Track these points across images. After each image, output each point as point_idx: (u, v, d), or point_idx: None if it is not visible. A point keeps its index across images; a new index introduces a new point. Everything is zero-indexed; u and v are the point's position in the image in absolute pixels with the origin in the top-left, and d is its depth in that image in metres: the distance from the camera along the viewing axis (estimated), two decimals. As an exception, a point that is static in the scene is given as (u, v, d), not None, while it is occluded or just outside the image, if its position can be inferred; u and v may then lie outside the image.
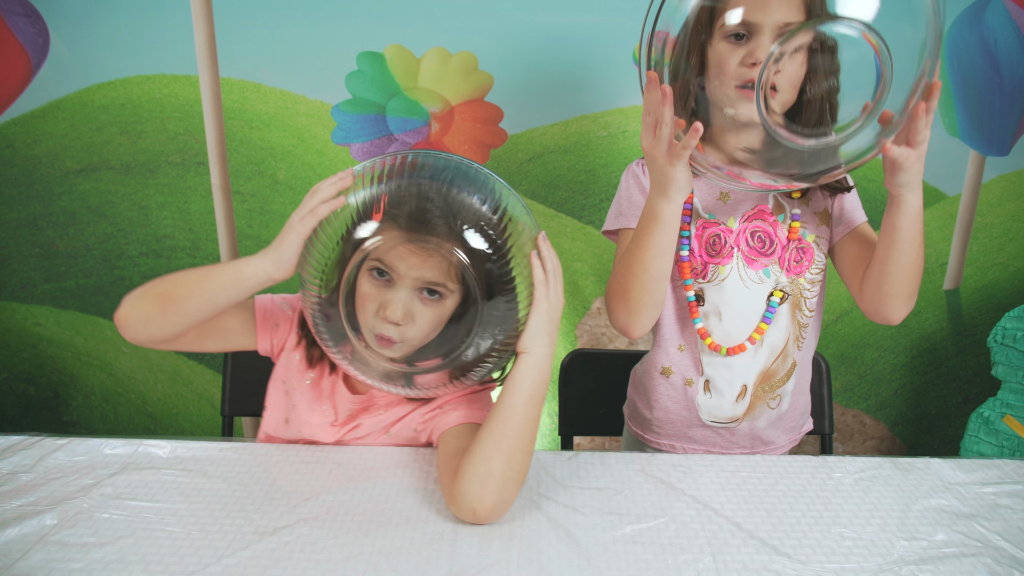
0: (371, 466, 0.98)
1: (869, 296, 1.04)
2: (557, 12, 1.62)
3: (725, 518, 0.88)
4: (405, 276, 0.87)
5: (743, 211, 1.08)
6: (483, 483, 0.85)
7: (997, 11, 1.59)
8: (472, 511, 0.85)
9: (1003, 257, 1.79)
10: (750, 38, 0.92)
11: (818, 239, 1.10)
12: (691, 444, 1.16)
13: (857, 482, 0.96)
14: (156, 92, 1.68)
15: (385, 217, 0.84)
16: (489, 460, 0.86)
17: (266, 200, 1.75)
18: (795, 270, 1.09)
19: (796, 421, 1.19)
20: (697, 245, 1.08)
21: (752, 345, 1.09)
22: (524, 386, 0.88)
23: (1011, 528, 0.87)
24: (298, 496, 0.91)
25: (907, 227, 0.97)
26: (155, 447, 1.01)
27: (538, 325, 0.89)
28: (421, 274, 0.86)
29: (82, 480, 0.93)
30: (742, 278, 1.08)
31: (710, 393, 1.12)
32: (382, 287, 0.88)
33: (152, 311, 0.90)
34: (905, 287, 1.01)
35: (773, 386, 1.12)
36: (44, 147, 1.73)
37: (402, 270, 0.86)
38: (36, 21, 1.63)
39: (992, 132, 1.68)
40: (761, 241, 1.08)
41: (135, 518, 0.86)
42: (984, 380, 1.85)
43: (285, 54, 1.65)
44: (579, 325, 1.83)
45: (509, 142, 1.71)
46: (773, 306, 1.08)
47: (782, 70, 0.92)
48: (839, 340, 1.84)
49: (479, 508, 0.85)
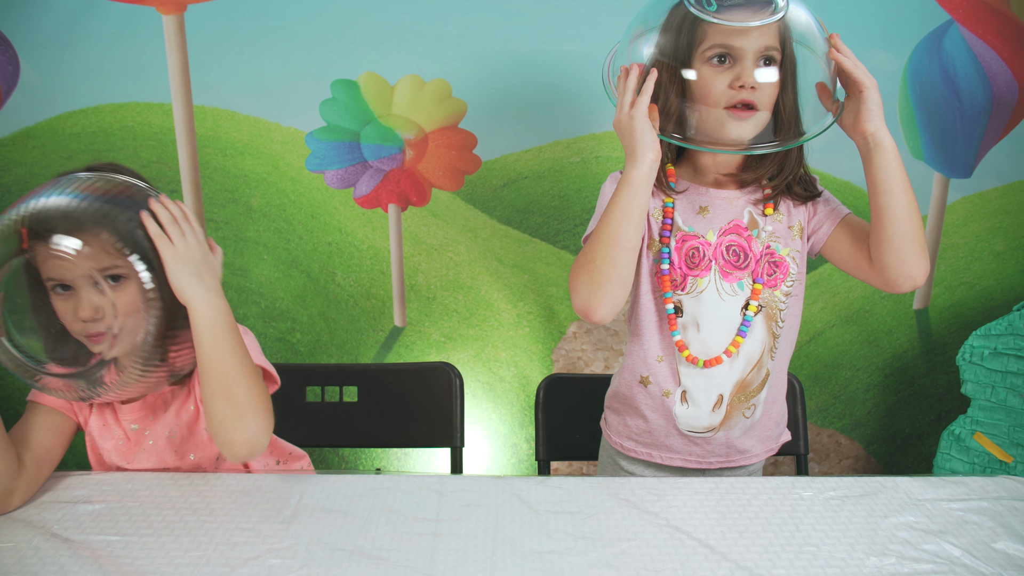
0: (343, 494, 0.97)
1: (884, 262, 1.04)
2: (530, 40, 1.64)
3: (698, 541, 0.89)
4: (75, 277, 0.90)
5: (720, 225, 1.11)
6: (223, 429, 0.90)
7: (955, 39, 1.64)
8: (234, 456, 0.91)
9: (969, 276, 1.82)
10: (734, 63, 1.00)
11: (792, 252, 1.12)
12: (668, 453, 1.17)
13: (827, 501, 0.97)
14: (129, 120, 1.68)
15: (31, 241, 0.88)
16: (213, 411, 0.90)
17: (240, 228, 1.75)
18: (769, 283, 1.11)
19: (771, 431, 1.20)
20: (677, 257, 1.10)
21: (728, 358, 1.11)
22: (203, 335, 0.91)
23: (978, 544, 0.89)
24: (268, 526, 0.90)
25: (892, 166, 1.01)
26: (121, 477, 0.99)
27: (176, 273, 0.90)
28: (82, 271, 0.89)
29: (43, 514, 0.91)
30: (718, 290, 1.10)
31: (687, 403, 1.13)
32: (69, 297, 0.91)
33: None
34: (913, 234, 1.02)
35: (748, 396, 1.13)
36: (13, 175, 1.72)
37: (65, 275, 0.90)
38: (6, 49, 1.62)
39: (955, 155, 1.72)
40: (736, 255, 1.10)
41: (102, 552, 0.84)
42: (955, 398, 1.87)
43: (259, 82, 1.66)
44: (555, 350, 1.83)
45: (483, 168, 1.72)
46: (748, 320, 1.10)
47: (762, 89, 1.00)
48: (813, 360, 1.86)
49: (238, 449, 0.90)
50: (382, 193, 1.73)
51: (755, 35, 0.98)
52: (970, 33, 1.63)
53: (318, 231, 1.75)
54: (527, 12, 1.62)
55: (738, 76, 0.99)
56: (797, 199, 1.12)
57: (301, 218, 1.75)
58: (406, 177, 1.71)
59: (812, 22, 1.03)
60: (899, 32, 1.65)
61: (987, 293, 1.82)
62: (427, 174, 1.72)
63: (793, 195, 1.12)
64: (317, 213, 1.74)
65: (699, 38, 0.99)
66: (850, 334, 1.84)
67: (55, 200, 0.88)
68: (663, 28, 1.02)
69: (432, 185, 1.73)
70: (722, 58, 1.00)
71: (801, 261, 1.13)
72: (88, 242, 0.87)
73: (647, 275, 1.13)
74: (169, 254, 0.90)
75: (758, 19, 0.98)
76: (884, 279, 1.06)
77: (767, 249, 1.11)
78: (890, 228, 1.02)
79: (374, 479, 1.01)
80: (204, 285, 0.91)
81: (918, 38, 1.65)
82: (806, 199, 1.12)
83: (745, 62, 0.99)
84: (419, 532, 0.90)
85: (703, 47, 1.00)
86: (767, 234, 1.11)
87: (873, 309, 1.83)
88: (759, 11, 0.98)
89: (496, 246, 1.77)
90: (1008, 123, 1.70)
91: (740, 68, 0.99)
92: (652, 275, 1.13)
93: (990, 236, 1.79)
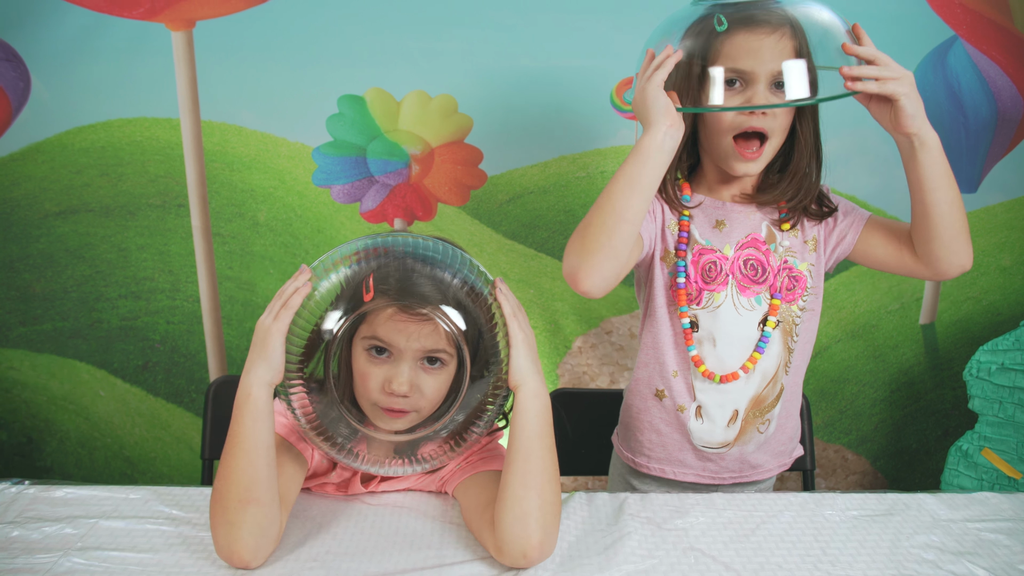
0: (359, 510, 0.97)
1: (935, 255, 1.03)
2: (536, 56, 1.65)
3: (712, 558, 0.88)
4: (406, 349, 0.88)
5: (737, 239, 1.10)
6: (523, 524, 0.84)
7: (959, 55, 1.65)
8: (522, 554, 0.84)
9: (975, 292, 1.82)
10: (745, 87, 0.95)
11: (809, 267, 1.12)
12: (681, 468, 1.16)
13: (845, 519, 0.96)
14: (137, 135, 1.69)
15: (376, 294, 0.85)
16: (522, 500, 0.85)
17: (247, 242, 1.75)
18: (788, 298, 1.11)
19: (784, 446, 1.19)
20: (693, 271, 1.10)
21: (745, 373, 1.10)
22: (531, 419, 0.88)
23: (999, 564, 0.88)
24: (283, 544, 0.89)
25: (938, 163, 0.98)
26: (135, 494, 0.99)
27: (522, 356, 0.89)
28: (422, 344, 0.88)
29: (62, 530, 0.91)
30: (735, 305, 1.09)
31: (702, 419, 1.12)
32: (383, 363, 0.89)
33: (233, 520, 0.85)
34: (962, 226, 1.01)
35: (763, 411, 1.13)
36: (22, 190, 1.72)
37: (401, 343, 0.88)
38: (17, 65, 1.63)
39: (960, 170, 1.73)
40: (754, 269, 1.09)
41: (116, 569, 0.84)
42: (962, 413, 1.87)
43: (266, 97, 1.67)
44: (560, 364, 1.83)
45: (489, 183, 1.73)
46: (767, 336, 1.09)
47: (775, 115, 0.98)
48: (819, 376, 1.86)
49: (528, 549, 0.84)
50: (388, 208, 1.73)
51: (767, 57, 0.94)
52: (974, 49, 1.64)
53: (324, 245, 1.75)
54: (533, 28, 1.63)
55: (748, 100, 0.95)
56: (813, 218, 1.11)
57: (307, 232, 1.75)
58: (412, 192, 1.72)
59: (826, 32, 0.96)
60: (903, 48, 1.65)
61: (994, 308, 1.82)
62: (433, 189, 1.72)
63: (809, 214, 1.11)
64: (323, 228, 1.75)
65: (710, 60, 0.95)
66: (856, 349, 1.84)
67: (426, 266, 0.86)
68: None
69: (438, 200, 1.73)
70: (732, 82, 0.95)
71: (817, 275, 1.13)
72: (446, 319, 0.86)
73: (662, 288, 1.12)
74: (519, 336, 0.89)
75: (769, 40, 0.93)
76: (933, 271, 1.05)
77: (785, 264, 1.10)
78: (940, 224, 1.00)
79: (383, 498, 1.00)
80: (540, 376, 0.90)
81: (922, 54, 1.66)
82: (822, 217, 1.11)
83: (757, 86, 0.94)
84: (427, 549, 0.89)
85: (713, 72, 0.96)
86: (784, 248, 1.10)
87: (879, 324, 1.83)
88: (771, 31, 0.95)
89: (502, 261, 1.78)
90: (1013, 138, 1.71)
91: (751, 92, 0.95)
92: (667, 288, 1.11)
93: (996, 251, 1.79)
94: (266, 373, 0.85)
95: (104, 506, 0.96)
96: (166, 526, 0.92)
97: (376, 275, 0.85)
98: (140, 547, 0.88)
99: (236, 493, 0.83)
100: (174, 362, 1.80)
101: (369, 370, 0.89)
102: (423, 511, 0.97)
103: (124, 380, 1.81)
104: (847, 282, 1.79)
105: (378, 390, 0.89)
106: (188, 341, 1.79)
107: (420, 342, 0.88)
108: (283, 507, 0.88)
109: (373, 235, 0.89)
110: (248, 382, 0.85)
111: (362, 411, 0.92)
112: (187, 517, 0.94)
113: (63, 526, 0.91)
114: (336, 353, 0.87)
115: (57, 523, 0.92)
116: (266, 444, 0.85)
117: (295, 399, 0.88)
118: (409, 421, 0.90)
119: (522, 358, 0.89)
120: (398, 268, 0.86)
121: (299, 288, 0.86)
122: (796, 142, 1.05)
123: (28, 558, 0.85)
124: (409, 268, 0.86)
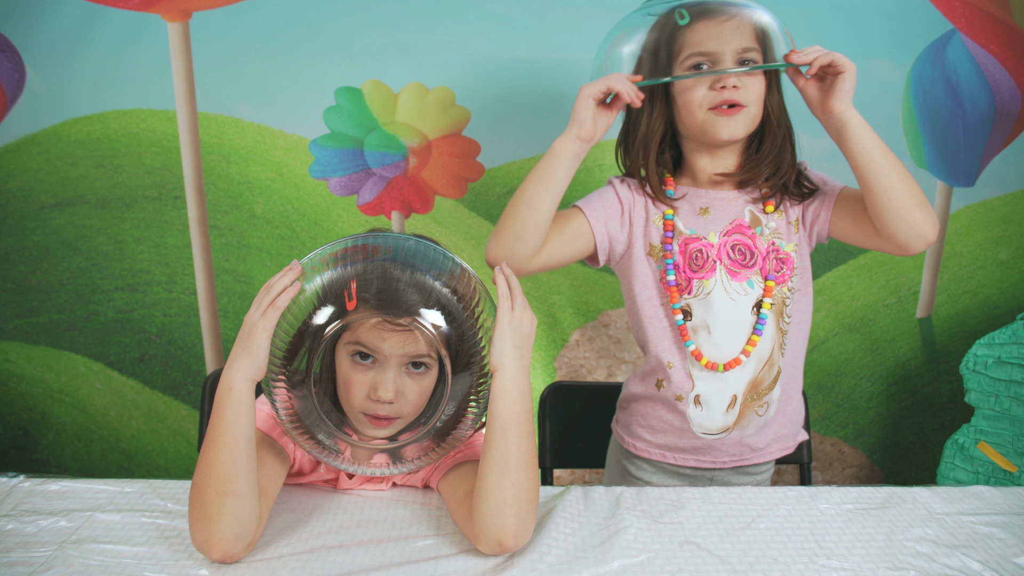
0: (356, 506, 0.97)
1: (890, 228, 1.04)
2: (533, 48, 1.64)
3: (708, 551, 0.88)
4: (391, 355, 0.88)
5: (722, 225, 1.11)
6: (498, 511, 0.84)
7: (957, 48, 1.64)
8: (498, 542, 0.84)
9: (972, 285, 1.82)
10: (713, 67, 1.03)
11: (796, 247, 1.13)
12: (681, 454, 1.17)
13: (840, 513, 0.97)
14: (133, 127, 1.68)
15: (359, 303, 0.85)
16: (496, 488, 0.85)
17: (243, 234, 1.75)
18: (778, 280, 1.11)
19: (786, 428, 1.19)
20: (681, 261, 1.11)
21: (747, 358, 1.11)
22: (506, 406, 0.88)
23: (993, 557, 0.88)
24: (280, 539, 0.89)
25: (866, 137, 1.02)
26: (130, 487, 0.99)
27: (502, 339, 0.88)
28: (406, 350, 0.88)
29: (57, 523, 0.91)
30: (727, 291, 1.10)
31: (701, 406, 1.13)
32: (368, 369, 0.89)
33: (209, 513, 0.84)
34: (910, 194, 1.02)
35: (760, 394, 1.13)
36: (18, 181, 1.71)
37: (387, 349, 0.88)
38: (12, 56, 1.62)
39: (958, 164, 1.72)
40: (742, 254, 1.10)
41: (112, 564, 0.84)
42: (958, 407, 1.87)
43: (263, 89, 1.66)
44: (558, 357, 1.83)
45: (486, 176, 1.72)
46: (764, 318, 1.10)
47: (746, 87, 1.04)
48: (816, 369, 1.86)
49: (503, 537, 0.84)
50: (385, 200, 1.72)
51: (729, 37, 1.02)
52: (973, 42, 1.63)
53: (321, 238, 1.75)
54: (530, 21, 1.63)
55: (718, 78, 1.03)
56: (794, 198, 1.13)
57: (304, 225, 1.74)
58: (409, 184, 1.71)
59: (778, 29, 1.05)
60: (902, 42, 1.65)
61: (990, 302, 1.82)
62: (430, 181, 1.72)
63: (791, 195, 1.13)
64: (320, 220, 1.74)
65: (676, 50, 1.04)
66: (853, 342, 1.84)
67: (407, 270, 0.86)
68: (643, 48, 1.06)
69: (435, 192, 1.73)
70: (699, 67, 1.03)
71: (802, 255, 1.14)
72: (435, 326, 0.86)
73: (652, 283, 1.13)
74: (505, 319, 0.89)
75: (729, 24, 1.02)
76: (896, 244, 1.05)
77: (772, 246, 1.11)
78: (884, 195, 1.02)
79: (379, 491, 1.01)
80: (521, 361, 0.89)
81: (921, 47, 1.65)
82: (803, 197, 1.13)
83: (724, 64, 1.02)
84: (422, 543, 0.89)
85: (681, 58, 1.04)
86: (770, 231, 1.11)
87: (876, 318, 1.83)
88: (728, 17, 1.02)
89: (499, 254, 1.77)
90: (1011, 132, 1.70)
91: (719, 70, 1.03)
92: (656, 282, 1.13)
93: (993, 245, 1.79)
94: (249, 368, 0.85)
95: (99, 499, 0.95)
96: (162, 519, 0.92)
97: (358, 282, 0.85)
98: (135, 540, 0.88)
99: (214, 485, 0.83)
100: (171, 355, 1.80)
101: (354, 377, 0.89)
102: (415, 502, 0.97)
103: (121, 373, 1.81)
104: (844, 276, 1.79)
105: (363, 397, 0.89)
106: (185, 334, 1.79)
107: (404, 348, 0.88)
108: (264, 499, 0.87)
109: (355, 235, 0.88)
110: (230, 375, 0.85)
111: (344, 413, 0.92)
112: (183, 511, 0.93)
113: (58, 519, 0.91)
114: (319, 356, 0.87)
115: (52, 516, 0.91)
116: (246, 437, 0.85)
117: (277, 396, 0.88)
118: (394, 428, 0.91)
119: (502, 341, 0.88)
120: (380, 276, 0.86)
121: (287, 288, 0.86)
122: (767, 119, 1.09)
123: (23, 552, 0.85)
124: (390, 275, 0.86)
